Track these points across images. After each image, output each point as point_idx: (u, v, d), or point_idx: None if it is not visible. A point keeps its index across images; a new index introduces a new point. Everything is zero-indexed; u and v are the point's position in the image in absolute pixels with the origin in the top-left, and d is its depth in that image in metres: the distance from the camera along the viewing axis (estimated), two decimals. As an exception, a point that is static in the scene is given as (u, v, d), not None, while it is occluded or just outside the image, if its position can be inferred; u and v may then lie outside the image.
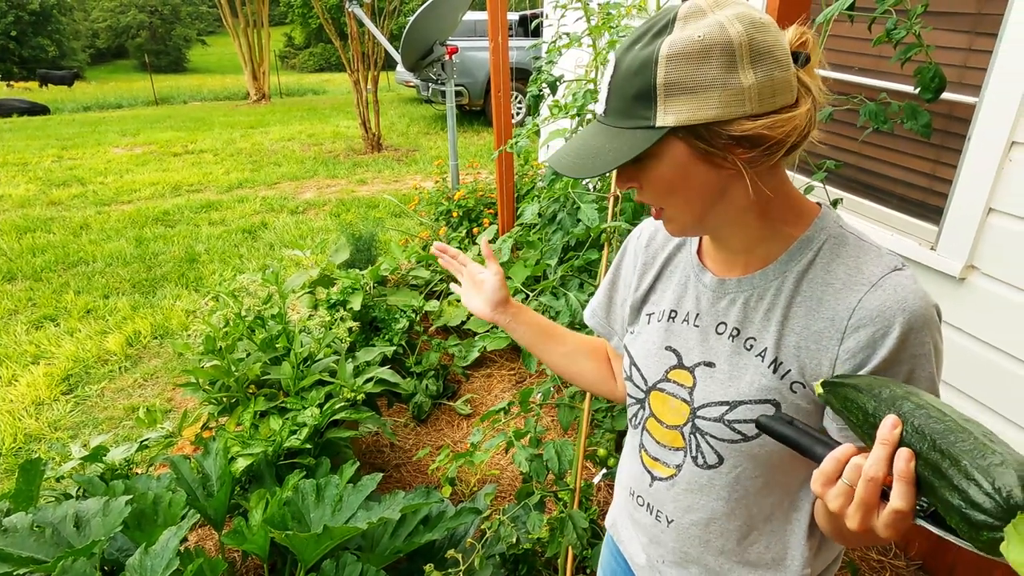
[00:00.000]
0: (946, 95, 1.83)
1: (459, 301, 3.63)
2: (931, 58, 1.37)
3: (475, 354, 2.50)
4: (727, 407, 0.84)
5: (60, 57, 32.49)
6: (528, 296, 2.54)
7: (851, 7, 1.37)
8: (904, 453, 0.58)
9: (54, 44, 32.45)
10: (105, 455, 2.17)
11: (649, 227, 1.03)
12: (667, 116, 0.71)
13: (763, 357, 0.82)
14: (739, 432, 0.84)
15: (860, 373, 0.75)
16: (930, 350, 0.76)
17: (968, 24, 2.00)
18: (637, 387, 0.97)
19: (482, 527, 1.97)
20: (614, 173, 0.86)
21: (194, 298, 4.56)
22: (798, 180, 2.30)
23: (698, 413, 0.87)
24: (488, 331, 3.24)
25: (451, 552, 1.74)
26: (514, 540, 1.89)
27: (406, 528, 1.89)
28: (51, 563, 1.48)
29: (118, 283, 4.85)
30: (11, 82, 25.48)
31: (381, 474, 1.93)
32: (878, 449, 0.59)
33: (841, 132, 2.52)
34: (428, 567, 1.69)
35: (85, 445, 2.23)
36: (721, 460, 0.87)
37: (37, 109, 15.73)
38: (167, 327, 4.15)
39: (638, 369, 0.96)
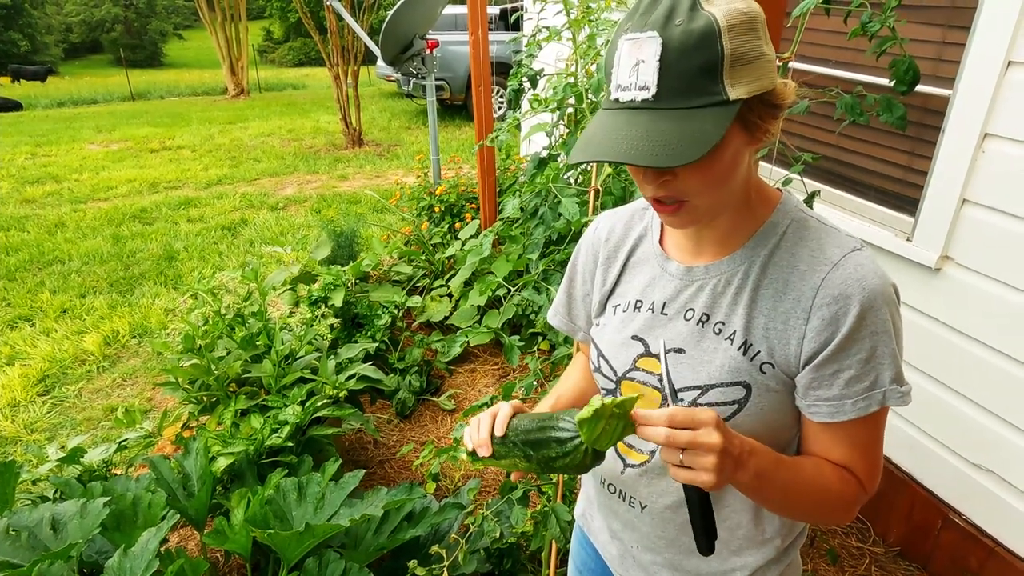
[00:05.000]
0: (920, 88, 1.85)
1: (441, 297, 3.62)
2: (905, 51, 1.38)
3: (457, 349, 2.49)
4: (699, 391, 0.86)
5: (32, 52, 31.84)
6: (511, 291, 2.54)
7: (827, 0, 1.38)
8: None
9: (26, 39, 31.81)
10: (83, 456, 2.14)
11: (607, 221, 1.04)
12: (736, 88, 0.70)
13: (732, 340, 0.84)
14: None
15: (826, 350, 0.79)
16: (890, 328, 0.79)
17: (941, 17, 2.02)
18: (607, 378, 0.97)
19: (466, 522, 1.98)
20: (599, 164, 0.86)
21: (173, 296, 4.50)
22: (776, 173, 2.32)
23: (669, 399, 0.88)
24: (471, 326, 3.23)
25: (435, 548, 1.74)
26: (498, 534, 1.89)
27: (389, 525, 1.88)
28: (27, 567, 1.46)
29: (95, 282, 4.77)
30: (-18, 78, 24.92)
31: (364, 471, 1.93)
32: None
33: (818, 125, 2.54)
34: (412, 563, 1.69)
35: (62, 447, 2.20)
36: None
37: (9, 105, 15.41)
38: (146, 326, 4.10)
39: (606, 360, 0.97)
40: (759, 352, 0.83)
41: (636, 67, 0.71)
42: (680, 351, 0.88)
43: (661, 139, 0.70)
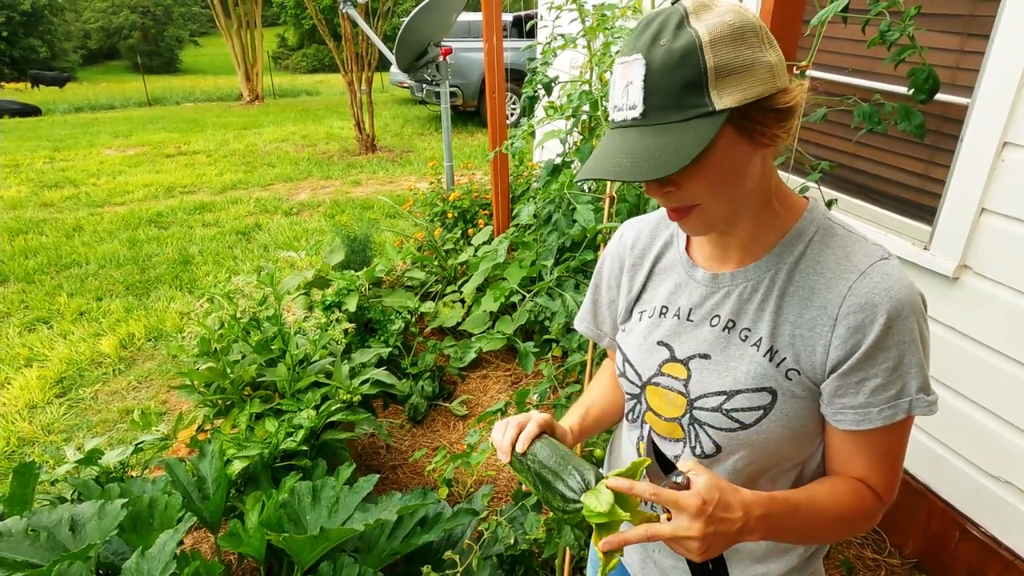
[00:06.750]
0: (939, 96, 1.84)
1: (454, 303, 3.63)
2: (924, 59, 1.38)
3: (472, 355, 2.50)
4: (724, 397, 0.86)
5: (51, 58, 32.34)
6: (525, 297, 2.54)
7: (845, 9, 1.38)
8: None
9: (45, 45, 32.30)
10: (100, 458, 2.16)
11: (631, 229, 1.05)
12: (723, 99, 0.72)
13: (758, 347, 0.85)
14: (737, 421, 0.86)
15: (852, 358, 0.79)
16: (917, 337, 0.79)
17: (960, 26, 2.01)
18: (632, 383, 0.98)
19: (479, 528, 1.97)
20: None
21: (188, 300, 4.54)
22: (793, 181, 2.31)
23: (695, 404, 0.89)
24: (483, 332, 3.24)
25: (448, 553, 1.74)
26: (511, 541, 1.89)
27: (403, 529, 1.88)
28: (46, 567, 1.47)
29: (111, 285, 4.82)
30: (2, 83, 25.33)
31: (377, 476, 1.93)
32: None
33: (835, 133, 2.53)
34: (425, 568, 1.69)
35: (79, 448, 2.22)
36: (719, 449, 0.89)
37: (28, 110, 15.65)
38: (161, 329, 4.14)
39: (631, 365, 0.98)
40: (785, 359, 0.83)
41: (626, 88, 0.75)
42: (706, 357, 0.89)
43: (645, 154, 0.73)
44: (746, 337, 0.86)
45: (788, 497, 0.82)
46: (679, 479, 0.75)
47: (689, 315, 0.92)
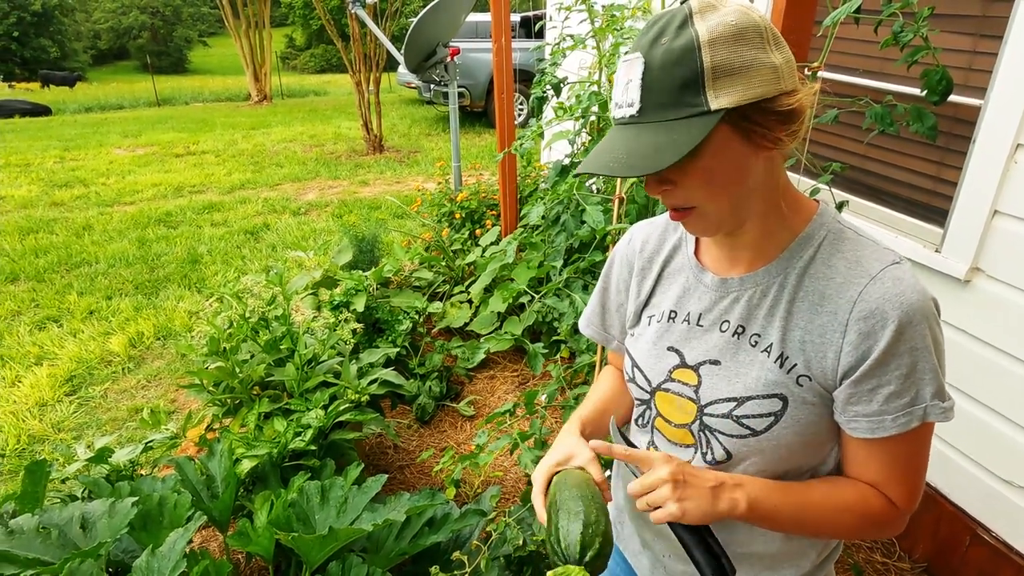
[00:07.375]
0: (951, 97, 1.83)
1: (461, 303, 3.64)
2: (938, 60, 1.37)
3: (480, 356, 2.51)
4: (735, 403, 0.86)
5: (62, 58, 32.58)
6: (533, 298, 2.54)
7: (858, 10, 1.37)
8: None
9: (56, 45, 32.54)
10: (110, 456, 2.17)
11: (641, 232, 1.04)
12: (719, 99, 0.72)
13: (769, 352, 0.84)
14: (748, 427, 0.85)
15: (864, 365, 0.79)
16: (930, 343, 0.78)
17: (972, 26, 2.00)
18: (641, 388, 0.98)
19: (487, 529, 1.97)
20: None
21: (197, 299, 4.56)
22: (803, 183, 2.30)
23: (705, 410, 0.89)
24: (491, 333, 3.24)
25: (456, 554, 1.73)
26: (520, 542, 1.89)
27: (411, 530, 1.89)
28: (58, 565, 1.48)
29: (121, 284, 4.85)
30: (13, 83, 25.49)
31: (385, 476, 1.93)
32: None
33: (845, 135, 2.52)
34: (433, 569, 1.69)
35: (90, 446, 2.23)
36: (729, 455, 0.88)
37: (39, 110, 15.76)
38: (170, 328, 4.16)
39: (640, 371, 0.97)
40: (796, 365, 0.83)
41: (626, 86, 0.76)
42: (716, 363, 0.88)
43: (638, 151, 0.74)
44: (756, 343, 0.85)
45: (779, 481, 0.85)
46: None
47: (699, 320, 0.91)
